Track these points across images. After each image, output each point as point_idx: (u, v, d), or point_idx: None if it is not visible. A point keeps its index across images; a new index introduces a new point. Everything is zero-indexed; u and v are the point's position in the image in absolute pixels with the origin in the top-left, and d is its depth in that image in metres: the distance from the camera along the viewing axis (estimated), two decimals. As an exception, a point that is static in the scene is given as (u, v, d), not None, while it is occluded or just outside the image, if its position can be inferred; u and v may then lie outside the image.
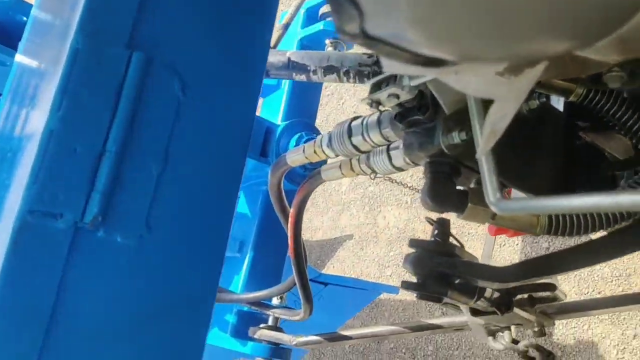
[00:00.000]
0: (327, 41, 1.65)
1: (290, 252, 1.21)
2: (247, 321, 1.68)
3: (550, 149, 0.80)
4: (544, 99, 0.75)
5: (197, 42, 0.53)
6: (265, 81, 1.87)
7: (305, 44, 1.79)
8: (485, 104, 0.51)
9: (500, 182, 0.75)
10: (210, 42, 0.54)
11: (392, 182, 0.96)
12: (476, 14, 0.31)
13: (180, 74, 0.50)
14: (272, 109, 1.85)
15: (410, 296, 3.27)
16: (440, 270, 0.86)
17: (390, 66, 0.41)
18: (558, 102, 0.83)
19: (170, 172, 0.50)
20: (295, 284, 1.37)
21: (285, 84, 1.86)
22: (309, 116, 1.84)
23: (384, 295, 3.26)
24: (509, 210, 0.51)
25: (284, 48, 1.75)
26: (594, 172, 0.85)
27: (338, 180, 3.77)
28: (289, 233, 1.17)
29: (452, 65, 0.41)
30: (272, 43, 1.76)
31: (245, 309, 1.70)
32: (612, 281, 2.63)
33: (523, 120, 0.77)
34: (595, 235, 0.81)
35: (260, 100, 2.01)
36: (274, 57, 0.96)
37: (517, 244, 2.87)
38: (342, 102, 3.84)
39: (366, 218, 3.65)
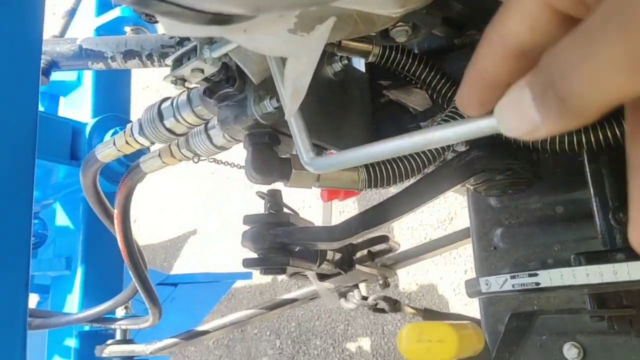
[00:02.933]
0: (127, 28, 1.54)
1: (123, 256, 1.12)
2: (92, 341, 1.54)
3: (359, 109, 0.84)
4: (346, 62, 0.79)
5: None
6: (63, 78, 1.70)
7: (102, 33, 1.65)
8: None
9: (318, 145, 0.78)
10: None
11: (217, 163, 0.95)
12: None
13: None
14: (77, 107, 1.69)
15: (265, 279, 3.30)
16: (278, 241, 0.86)
17: (171, 27, 0.38)
18: (360, 64, 0.88)
19: None
20: (137, 290, 1.28)
21: (87, 78, 1.71)
22: (122, 109, 1.72)
23: (239, 284, 3.24)
24: (325, 167, 0.51)
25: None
26: (400, 126, 0.91)
27: (173, 177, 3.63)
28: (118, 236, 1.08)
29: (239, 22, 0.40)
30: (58, 31, 1.60)
31: (87, 328, 1.56)
32: (438, 227, 2.93)
33: (330, 83, 0.80)
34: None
35: (61, 100, 1.82)
36: (62, 47, 0.86)
37: (355, 209, 3.05)
38: (161, 94, 3.68)
39: (207, 209, 3.57)
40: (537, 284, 0.62)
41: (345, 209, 3.12)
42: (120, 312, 1.53)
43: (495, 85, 0.32)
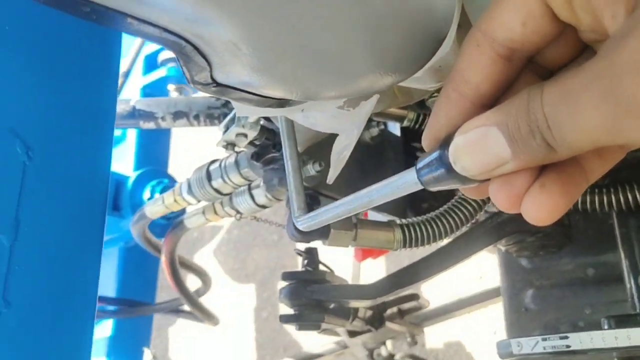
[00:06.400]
0: (171, 87, 1.64)
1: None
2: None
3: (394, 170, 0.88)
4: (383, 127, 0.84)
5: (38, 103, 0.50)
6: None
7: (149, 91, 1.76)
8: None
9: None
10: (51, 100, 0.52)
11: (257, 220, 1.00)
12: (309, 62, 0.36)
13: (22, 138, 0.48)
14: (120, 160, 1.79)
15: (286, 337, 3.27)
16: (315, 297, 0.89)
17: (241, 109, 0.44)
18: (395, 128, 0.93)
19: (23, 241, 0.47)
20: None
21: (131, 133, 1.81)
22: (161, 164, 1.81)
23: (264, 338, 3.22)
24: (309, 225, 0.53)
25: (126, 97, 1.71)
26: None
27: (200, 230, 3.68)
28: (172, 283, 1.15)
29: (298, 104, 0.46)
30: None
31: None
32: (468, 285, 2.89)
33: (368, 147, 0.85)
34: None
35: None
36: (118, 107, 0.94)
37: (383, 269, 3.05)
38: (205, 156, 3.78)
39: (234, 263, 3.60)
40: (568, 346, 0.64)
41: (373, 267, 3.11)
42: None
43: (480, 100, 0.31)
